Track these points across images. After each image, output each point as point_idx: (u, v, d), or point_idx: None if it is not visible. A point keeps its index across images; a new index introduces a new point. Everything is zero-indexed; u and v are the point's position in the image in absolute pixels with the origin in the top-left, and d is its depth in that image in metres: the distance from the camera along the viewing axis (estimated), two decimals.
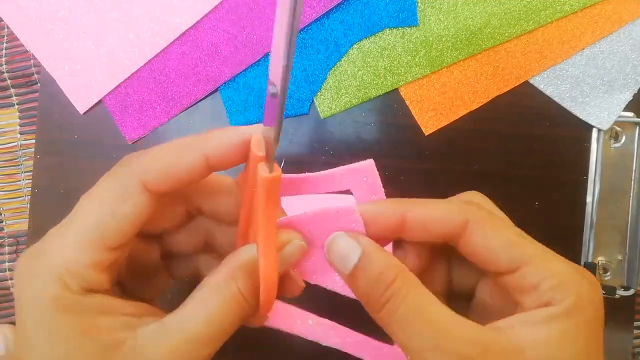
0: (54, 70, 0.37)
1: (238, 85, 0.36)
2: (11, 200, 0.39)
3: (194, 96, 0.36)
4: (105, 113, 0.37)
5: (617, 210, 0.36)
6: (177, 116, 0.37)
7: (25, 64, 0.38)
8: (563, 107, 0.36)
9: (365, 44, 0.36)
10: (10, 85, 0.38)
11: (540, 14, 0.36)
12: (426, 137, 0.36)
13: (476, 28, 0.36)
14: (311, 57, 0.36)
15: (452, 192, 0.36)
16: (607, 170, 0.36)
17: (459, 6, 0.36)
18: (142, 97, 0.36)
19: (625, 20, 0.36)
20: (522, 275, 0.20)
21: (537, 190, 0.36)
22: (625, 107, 0.36)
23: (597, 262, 0.36)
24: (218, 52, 0.36)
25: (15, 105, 0.39)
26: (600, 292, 0.20)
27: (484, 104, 0.36)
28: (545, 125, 0.36)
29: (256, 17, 0.36)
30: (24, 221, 0.38)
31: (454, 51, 0.36)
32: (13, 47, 0.38)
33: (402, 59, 0.36)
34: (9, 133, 0.39)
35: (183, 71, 0.36)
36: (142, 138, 0.37)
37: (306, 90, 0.36)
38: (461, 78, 0.36)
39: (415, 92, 0.36)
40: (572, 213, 0.36)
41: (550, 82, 0.36)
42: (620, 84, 0.36)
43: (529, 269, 0.20)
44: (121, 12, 0.36)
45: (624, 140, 0.36)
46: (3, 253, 0.39)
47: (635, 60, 0.36)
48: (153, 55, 0.36)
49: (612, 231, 0.36)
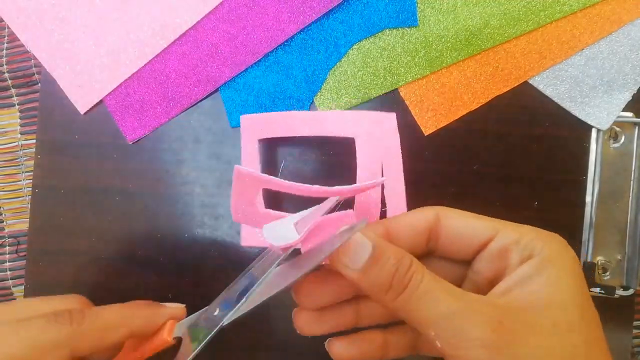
0: (55, 70, 0.37)
1: (238, 85, 0.36)
2: (12, 200, 0.39)
3: (194, 96, 0.36)
4: (105, 113, 0.37)
5: (616, 210, 0.36)
6: (177, 116, 0.37)
7: (25, 64, 0.38)
8: (562, 107, 0.36)
9: (365, 45, 0.36)
10: (10, 86, 0.39)
11: (540, 14, 0.36)
12: (426, 137, 0.36)
13: (476, 28, 0.36)
14: (311, 57, 0.36)
15: (451, 192, 0.36)
16: (606, 171, 0.36)
17: (458, 7, 0.36)
18: (143, 97, 0.37)
19: (624, 21, 0.36)
20: (501, 237, 0.23)
21: (536, 190, 0.36)
22: (625, 107, 0.36)
23: (597, 261, 0.36)
24: (218, 52, 0.36)
25: (15, 105, 0.39)
26: (569, 247, 0.22)
27: (484, 104, 0.36)
28: (544, 126, 0.36)
29: (256, 17, 0.36)
30: (24, 221, 0.38)
31: (453, 51, 0.36)
32: (13, 47, 0.38)
33: (401, 59, 0.36)
34: (10, 133, 0.39)
35: (183, 71, 0.36)
36: (142, 138, 0.37)
37: (306, 90, 0.36)
38: (461, 78, 0.36)
39: (415, 93, 0.36)
40: (572, 213, 0.36)
41: (549, 82, 0.36)
42: (620, 84, 0.36)
43: (505, 231, 0.23)
44: (121, 12, 0.36)
45: (623, 140, 0.36)
46: (3, 253, 0.39)
47: (634, 60, 0.36)
48: (153, 56, 0.36)
49: (612, 231, 0.36)
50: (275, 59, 0.36)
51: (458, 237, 0.24)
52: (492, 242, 0.23)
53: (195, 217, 0.37)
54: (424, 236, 0.24)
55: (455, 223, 0.24)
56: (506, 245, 0.22)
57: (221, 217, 0.37)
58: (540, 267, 0.21)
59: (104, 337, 0.23)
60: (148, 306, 0.25)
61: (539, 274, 0.21)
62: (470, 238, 0.23)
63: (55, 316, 0.22)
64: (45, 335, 0.21)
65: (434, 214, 0.24)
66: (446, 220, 0.24)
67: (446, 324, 0.20)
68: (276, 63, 0.36)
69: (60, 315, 0.22)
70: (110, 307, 0.24)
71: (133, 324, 0.24)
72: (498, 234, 0.23)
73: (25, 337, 0.21)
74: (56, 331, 0.21)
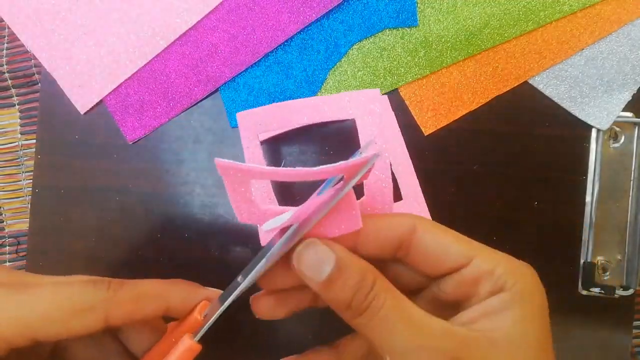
0: (55, 71, 0.37)
1: (238, 85, 0.36)
2: (12, 200, 0.39)
3: (194, 96, 0.36)
4: (105, 113, 0.37)
5: (616, 210, 0.36)
6: (177, 116, 0.37)
7: (25, 64, 0.38)
8: (562, 107, 0.36)
9: (365, 45, 0.36)
10: (11, 86, 0.39)
11: (540, 14, 0.36)
12: (426, 137, 0.36)
13: (475, 29, 0.36)
14: (311, 57, 0.36)
15: (451, 192, 0.36)
16: (606, 170, 0.36)
17: (458, 7, 0.36)
18: (143, 97, 0.37)
19: (624, 21, 0.36)
20: (476, 265, 0.22)
21: (536, 190, 0.36)
22: (625, 107, 0.36)
23: (597, 261, 0.36)
24: (218, 52, 0.36)
25: (16, 105, 0.39)
26: (540, 283, 0.22)
27: (484, 104, 0.36)
28: (544, 126, 0.36)
29: (256, 17, 0.36)
30: (24, 221, 0.38)
31: (453, 51, 0.36)
32: (13, 47, 0.38)
33: (401, 60, 0.36)
34: (10, 133, 0.39)
35: (183, 71, 0.36)
36: (142, 138, 0.37)
37: (306, 90, 0.36)
38: (461, 78, 0.36)
39: (415, 93, 0.36)
40: (572, 213, 0.36)
41: (549, 82, 0.36)
42: (620, 84, 0.36)
43: (481, 259, 0.22)
44: (122, 12, 0.36)
45: (623, 140, 0.36)
46: (3, 253, 0.39)
47: (634, 60, 0.36)
48: (153, 56, 0.36)
49: (612, 231, 0.36)
50: (275, 59, 0.36)
51: (429, 255, 0.23)
52: (465, 268, 0.22)
53: (195, 217, 0.37)
54: (393, 244, 0.23)
55: (429, 241, 0.23)
56: (479, 274, 0.22)
57: (221, 217, 0.37)
58: (509, 303, 0.21)
59: (139, 307, 0.23)
60: (186, 284, 0.25)
61: (506, 309, 0.21)
62: (441, 260, 0.23)
63: (94, 282, 0.22)
64: (81, 297, 0.21)
65: (411, 225, 0.23)
66: (422, 235, 0.23)
67: (402, 357, 0.20)
68: (276, 63, 0.36)
69: (100, 282, 0.22)
70: (149, 281, 0.24)
71: (169, 299, 0.24)
72: (472, 261, 0.22)
73: (61, 297, 0.21)
74: (92, 294, 0.22)
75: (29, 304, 0.21)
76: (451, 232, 0.23)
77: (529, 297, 0.21)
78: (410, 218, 0.23)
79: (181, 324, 0.25)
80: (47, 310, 0.21)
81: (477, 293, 0.22)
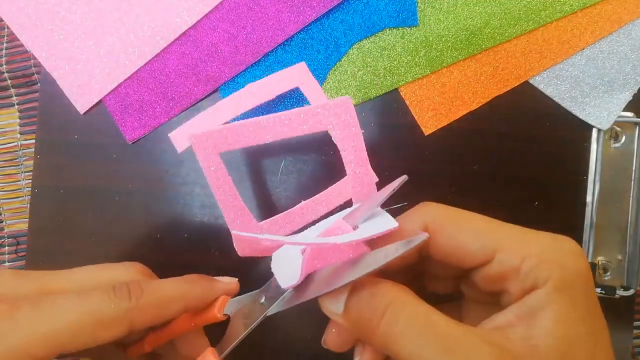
0: (54, 70, 0.37)
1: (238, 85, 0.36)
2: (11, 200, 0.39)
3: (194, 96, 0.36)
4: (105, 113, 0.37)
5: (617, 210, 0.36)
6: (177, 116, 0.37)
7: (25, 64, 0.38)
8: (563, 107, 0.36)
9: (365, 44, 0.36)
10: (10, 85, 0.38)
11: (540, 14, 0.36)
12: (426, 137, 0.36)
13: (476, 28, 0.36)
14: (311, 57, 0.36)
15: (452, 192, 0.36)
16: (607, 170, 0.36)
17: (458, 6, 0.36)
18: (142, 97, 0.36)
19: (625, 20, 0.36)
20: (499, 262, 0.19)
21: (536, 190, 0.36)
22: (625, 107, 0.36)
23: (597, 262, 0.36)
24: (218, 52, 0.36)
25: (15, 105, 0.39)
26: (583, 255, 0.19)
27: (484, 104, 0.36)
28: (545, 125, 0.36)
29: (256, 17, 0.36)
30: (24, 221, 0.38)
31: (453, 51, 0.36)
32: (13, 47, 0.38)
33: (402, 59, 0.36)
34: (9, 133, 0.39)
35: (183, 71, 0.36)
36: (142, 138, 0.37)
37: None
38: (461, 78, 0.36)
39: (415, 92, 0.36)
40: (572, 213, 0.36)
41: (550, 82, 0.36)
42: (620, 84, 0.36)
43: (504, 254, 0.19)
44: (121, 12, 0.36)
45: (623, 140, 0.36)
46: (3, 253, 0.39)
47: (635, 60, 0.36)
48: (153, 55, 0.36)
49: (612, 231, 0.36)
50: (275, 59, 0.36)
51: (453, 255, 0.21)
52: (488, 266, 0.20)
53: (195, 217, 0.37)
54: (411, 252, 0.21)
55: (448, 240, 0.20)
56: (504, 272, 0.19)
57: (221, 217, 0.36)
58: (544, 303, 0.18)
59: (161, 312, 0.23)
60: (203, 280, 0.25)
61: (543, 309, 0.18)
62: (468, 258, 0.20)
63: (115, 291, 0.22)
64: (104, 310, 0.21)
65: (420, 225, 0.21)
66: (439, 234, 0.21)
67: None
68: (276, 63, 0.36)
69: (119, 290, 0.22)
70: (167, 282, 0.24)
71: (189, 299, 0.24)
72: (495, 257, 0.20)
73: (84, 311, 0.21)
74: (115, 306, 0.22)
75: (55, 320, 0.21)
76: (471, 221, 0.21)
77: (566, 288, 0.18)
78: (418, 215, 0.21)
79: (196, 315, 0.25)
80: (73, 325, 0.21)
81: (508, 290, 0.19)
